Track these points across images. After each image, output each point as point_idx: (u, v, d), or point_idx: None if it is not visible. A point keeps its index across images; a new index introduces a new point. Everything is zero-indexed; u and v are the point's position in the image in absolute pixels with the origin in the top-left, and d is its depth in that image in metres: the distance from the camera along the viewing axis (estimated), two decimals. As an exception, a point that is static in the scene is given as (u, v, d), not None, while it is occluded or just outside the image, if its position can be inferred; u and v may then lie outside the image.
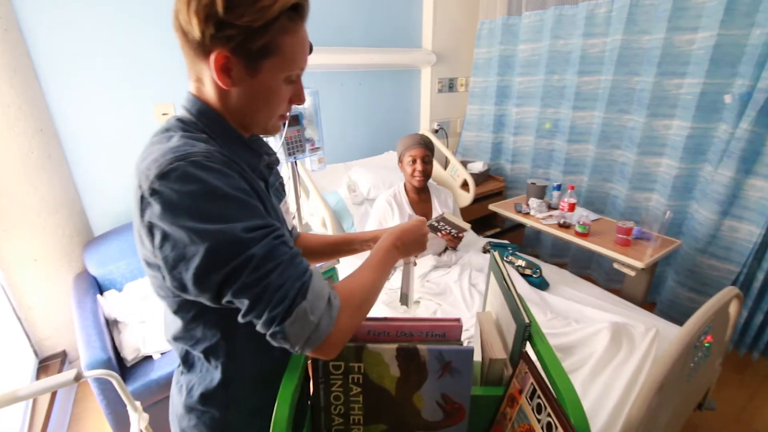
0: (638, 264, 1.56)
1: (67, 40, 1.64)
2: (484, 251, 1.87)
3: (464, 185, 2.39)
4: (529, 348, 0.68)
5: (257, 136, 0.70)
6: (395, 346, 0.64)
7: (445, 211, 1.42)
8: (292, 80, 0.59)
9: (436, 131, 2.96)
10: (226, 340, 0.61)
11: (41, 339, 1.84)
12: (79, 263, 1.82)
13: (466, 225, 1.39)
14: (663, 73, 1.92)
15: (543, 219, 1.99)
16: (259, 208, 0.54)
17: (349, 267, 1.10)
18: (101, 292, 1.73)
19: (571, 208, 1.89)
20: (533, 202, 2.07)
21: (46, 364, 1.86)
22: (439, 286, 1.58)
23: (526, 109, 2.63)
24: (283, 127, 1.03)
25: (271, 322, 0.49)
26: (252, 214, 0.52)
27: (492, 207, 2.23)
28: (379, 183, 2.14)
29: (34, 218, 1.66)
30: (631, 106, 2.11)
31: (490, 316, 0.84)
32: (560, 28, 2.30)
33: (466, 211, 2.35)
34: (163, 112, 1.90)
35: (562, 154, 2.46)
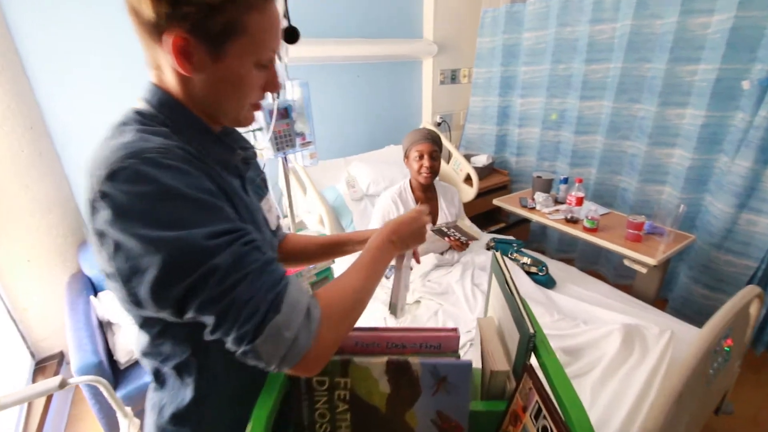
0: (650, 261, 1.48)
1: (57, 37, 1.59)
2: (487, 248, 1.81)
3: (467, 179, 2.32)
4: (534, 360, 0.62)
5: (232, 129, 0.64)
6: (385, 359, 0.58)
7: (458, 220, 1.40)
8: (263, 65, 0.53)
9: (439, 124, 2.89)
10: (197, 356, 0.56)
11: (37, 340, 1.82)
12: (74, 263, 1.79)
13: (478, 234, 1.36)
14: (676, 59, 1.83)
15: (549, 214, 1.91)
16: (226, 211, 0.48)
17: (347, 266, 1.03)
18: (96, 293, 1.69)
19: (579, 202, 1.82)
20: (539, 197, 2.00)
21: (43, 366, 1.84)
22: (440, 286, 1.52)
23: (532, 100, 2.54)
24: (271, 120, 0.97)
25: (240, 341, 0.44)
26: (216, 217, 0.46)
27: (496, 202, 2.16)
28: (379, 178, 2.08)
29: (27, 218, 1.63)
30: (642, 95, 2.02)
31: (491, 322, 0.78)
32: (567, 15, 2.21)
33: (470, 206, 2.28)
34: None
35: (569, 146, 2.38)
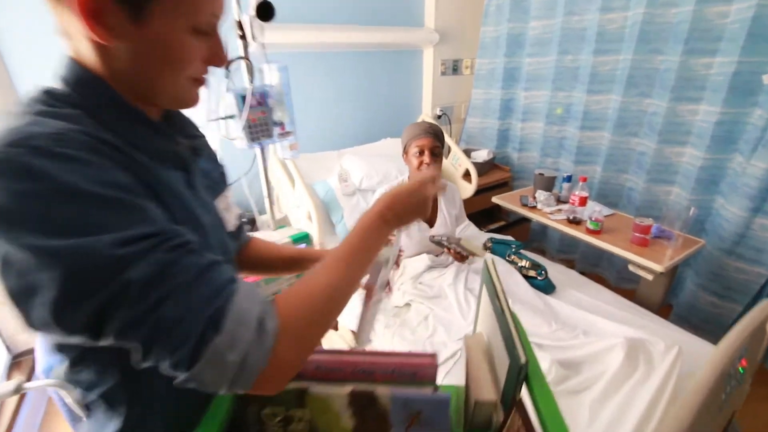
0: (657, 267, 1.39)
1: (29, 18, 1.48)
2: (484, 249, 1.71)
3: (466, 175, 2.21)
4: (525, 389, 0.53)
5: (176, 113, 0.55)
6: (348, 389, 0.49)
7: (462, 238, 1.35)
8: (202, 31, 0.44)
9: (439, 117, 2.78)
10: (128, 382, 0.47)
11: (13, 334, 1.76)
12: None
13: (482, 252, 1.31)
14: (691, 51, 1.71)
15: (551, 213, 1.81)
16: (147, 211, 0.39)
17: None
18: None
19: (583, 202, 1.71)
20: (540, 195, 1.90)
21: (18, 360, 1.78)
22: (432, 289, 1.43)
23: (536, 93, 2.42)
24: (243, 108, 0.87)
25: (175, 368, 0.37)
26: (130, 218, 0.37)
27: (495, 199, 2.06)
28: (372, 172, 1.98)
29: None
30: (653, 89, 1.90)
31: (480, 341, 0.69)
32: (575, 3, 2.08)
33: (469, 203, 2.18)
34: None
35: (574, 143, 2.26)
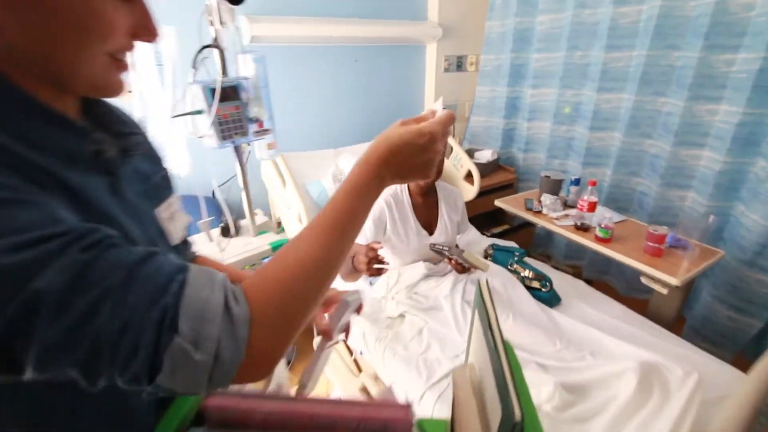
0: (672, 280, 1.28)
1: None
2: (485, 256, 1.61)
3: (468, 176, 2.11)
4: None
5: (102, 103, 0.46)
6: (301, 449, 0.40)
7: (465, 251, 1.25)
8: None
9: (442, 115, 2.67)
10: (51, 417, 0.38)
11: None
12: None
13: (485, 266, 1.24)
14: (711, 47, 1.59)
15: (557, 219, 1.70)
16: (46, 208, 0.31)
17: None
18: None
19: (591, 207, 1.60)
20: (546, 199, 1.79)
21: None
22: (427, 300, 1.33)
23: (543, 91, 2.31)
24: (213, 102, 0.77)
25: (135, 383, 0.31)
26: (23, 218, 0.29)
27: (498, 203, 1.96)
28: (369, 173, 1.88)
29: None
30: (669, 87, 1.78)
31: (470, 375, 0.59)
32: (587, -5, 1.97)
33: (470, 205, 2.07)
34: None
35: (583, 143, 2.15)
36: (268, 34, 1.93)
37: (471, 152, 2.54)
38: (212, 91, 0.78)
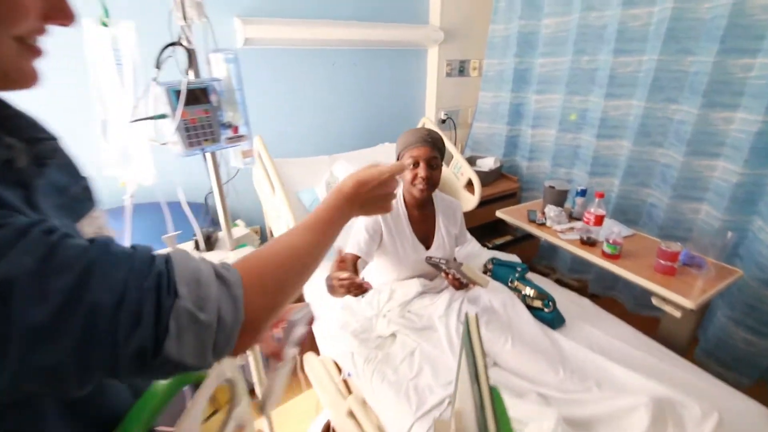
0: (687, 303, 1.17)
1: None
2: (485, 271, 1.51)
3: (469, 185, 2.02)
4: None
5: (9, 105, 0.39)
6: None
7: (463, 264, 1.17)
8: None
9: (443, 121, 2.59)
10: None
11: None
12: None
13: (485, 281, 1.16)
14: (727, 51, 1.49)
15: (561, 232, 1.61)
16: None
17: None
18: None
19: (599, 221, 1.50)
20: (550, 210, 1.69)
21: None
22: (421, 320, 1.24)
23: (549, 97, 2.22)
24: (178, 103, 0.69)
25: (141, 358, 0.30)
26: None
27: (500, 214, 1.87)
28: (364, 181, 1.80)
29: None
30: (682, 94, 1.69)
31: (456, 427, 0.50)
32: (595, -3, 1.88)
33: (471, 215, 1.98)
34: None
35: (590, 152, 2.05)
36: (263, 36, 1.87)
37: (473, 160, 2.45)
38: (177, 93, 0.70)
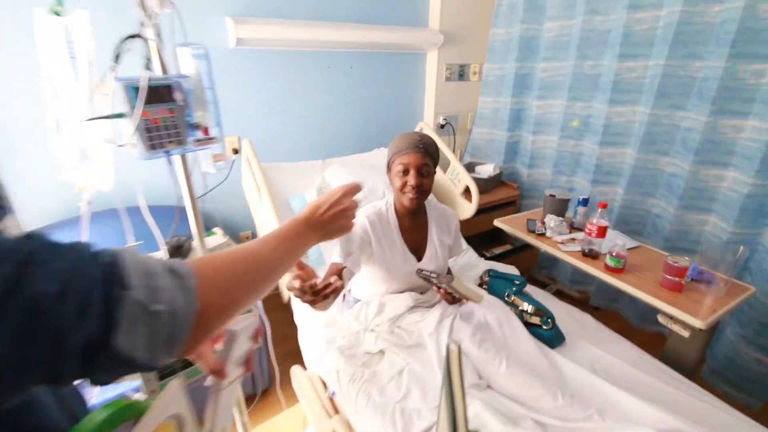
0: (696, 322, 1.10)
1: None
2: (480, 283, 1.44)
3: (466, 192, 1.95)
4: None
5: None
6: None
7: (455, 279, 1.11)
8: None
9: (442, 126, 2.53)
10: None
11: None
12: None
13: (478, 297, 1.11)
14: (738, 56, 1.43)
15: (562, 243, 1.53)
16: None
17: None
18: None
19: (601, 233, 1.43)
20: (551, 220, 1.62)
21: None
22: (411, 336, 1.16)
23: (550, 102, 2.16)
24: (136, 102, 0.63)
25: (89, 351, 0.29)
26: None
27: (498, 223, 1.79)
28: (357, 186, 1.73)
29: None
30: (689, 100, 1.62)
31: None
32: (598, 1, 1.82)
33: (469, 224, 1.91)
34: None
35: (592, 160, 1.98)
36: (256, 36, 1.81)
37: (472, 166, 2.38)
38: (137, 89, 0.64)
